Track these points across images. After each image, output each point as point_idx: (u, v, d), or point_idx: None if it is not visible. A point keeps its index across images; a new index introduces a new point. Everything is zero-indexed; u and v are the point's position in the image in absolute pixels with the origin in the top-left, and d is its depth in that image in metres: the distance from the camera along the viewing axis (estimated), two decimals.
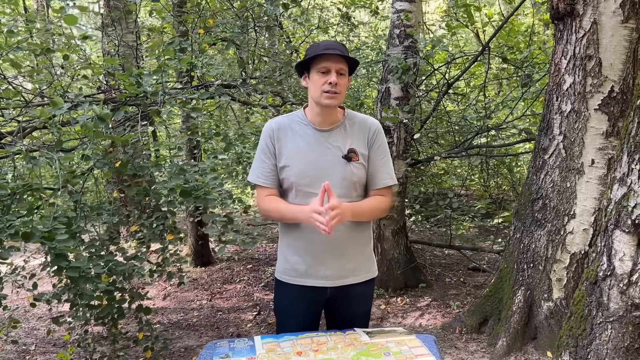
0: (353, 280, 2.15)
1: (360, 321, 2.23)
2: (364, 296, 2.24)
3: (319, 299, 2.16)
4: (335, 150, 2.07)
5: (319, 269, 2.10)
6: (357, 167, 2.07)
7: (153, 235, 3.28)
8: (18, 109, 3.49)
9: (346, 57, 2.00)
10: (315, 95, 2.03)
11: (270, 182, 2.11)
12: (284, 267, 2.18)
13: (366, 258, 2.20)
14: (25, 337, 4.57)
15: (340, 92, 2.01)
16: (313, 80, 2.03)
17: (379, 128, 2.15)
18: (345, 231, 2.04)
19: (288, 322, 2.20)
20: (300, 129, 2.10)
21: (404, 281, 5.25)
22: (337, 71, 1.98)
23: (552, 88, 3.66)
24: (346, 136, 2.09)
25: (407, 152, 5.15)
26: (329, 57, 1.97)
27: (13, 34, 3.09)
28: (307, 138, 2.08)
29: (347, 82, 2.06)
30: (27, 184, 2.55)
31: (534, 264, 3.72)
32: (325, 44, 2.03)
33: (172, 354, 4.06)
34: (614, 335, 2.57)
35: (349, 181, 2.06)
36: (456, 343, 3.89)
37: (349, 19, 5.61)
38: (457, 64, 6.32)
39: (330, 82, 1.96)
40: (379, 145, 2.13)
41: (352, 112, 2.17)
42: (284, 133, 2.10)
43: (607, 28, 3.34)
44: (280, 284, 2.21)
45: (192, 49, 4.21)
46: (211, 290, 5.71)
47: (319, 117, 2.08)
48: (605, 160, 3.42)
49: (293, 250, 2.14)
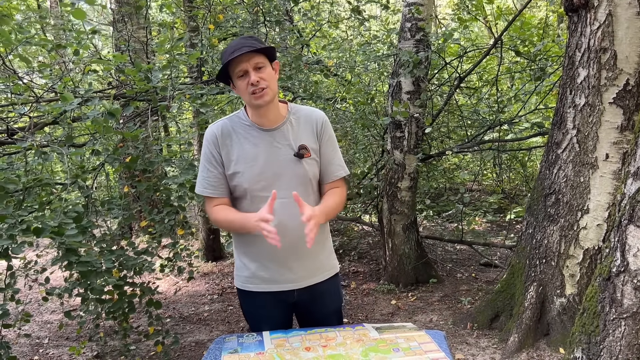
0: (318, 278, 2.09)
1: (334, 320, 2.18)
2: (332, 293, 2.18)
3: (287, 301, 2.10)
4: (286, 148, 1.98)
5: (283, 272, 2.03)
6: (310, 163, 2.00)
7: (164, 230, 3.29)
8: (29, 104, 3.51)
9: (256, 50, 1.87)
10: (246, 100, 1.95)
11: (218, 191, 2.01)
12: (246, 276, 2.08)
13: (328, 253, 2.15)
14: (39, 330, 4.62)
15: (268, 86, 1.89)
16: (238, 87, 1.93)
17: (325, 120, 2.07)
18: (303, 232, 1.80)
19: (260, 327, 2.10)
20: (245, 131, 1.99)
21: (414, 277, 5.22)
22: (254, 67, 1.87)
23: (566, 81, 3.60)
24: (294, 132, 2.00)
25: (418, 146, 5.12)
26: (239, 59, 1.86)
27: (23, 29, 3.11)
28: (254, 140, 1.97)
29: (271, 72, 1.93)
30: (38, 179, 2.57)
31: (547, 259, 3.68)
32: (232, 46, 1.90)
33: (183, 348, 4.08)
34: (627, 332, 2.53)
35: (305, 179, 1.99)
36: (467, 339, 3.86)
37: (359, 12, 5.56)
38: (469, 58, 6.25)
39: (252, 82, 1.86)
40: (328, 138, 2.06)
41: (296, 106, 2.08)
42: (228, 138, 1.99)
43: (623, 20, 3.27)
44: (244, 293, 2.12)
45: (202, 44, 4.21)
46: (222, 285, 5.73)
47: (261, 118, 1.98)
48: (620, 155, 3.37)
49: (252, 257, 2.05)
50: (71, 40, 3.62)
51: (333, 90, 6.72)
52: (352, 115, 5.29)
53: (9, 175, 2.55)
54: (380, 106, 6.16)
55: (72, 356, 3.94)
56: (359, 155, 6.13)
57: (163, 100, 3.37)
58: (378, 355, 1.75)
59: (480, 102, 5.95)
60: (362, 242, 7.13)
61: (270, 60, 1.95)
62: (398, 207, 5.18)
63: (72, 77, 3.75)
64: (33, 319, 4.85)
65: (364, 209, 6.88)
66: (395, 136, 5.10)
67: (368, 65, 5.74)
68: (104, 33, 8.29)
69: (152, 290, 3.24)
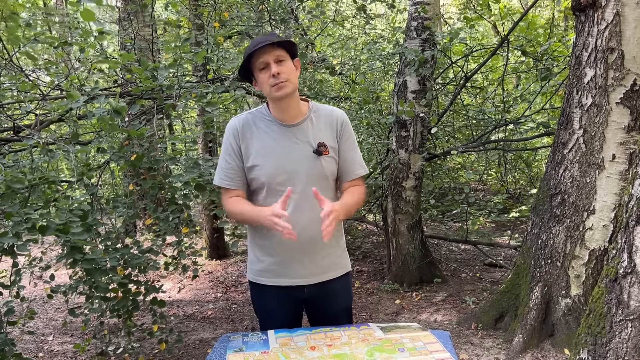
0: (329, 275, 2.10)
1: (344, 318, 2.19)
2: (343, 291, 2.19)
3: (298, 297, 2.11)
4: (305, 145, 2.00)
5: (295, 267, 2.04)
6: (328, 160, 2.02)
7: (168, 228, 3.29)
8: (35, 102, 3.52)
9: (277, 42, 1.91)
10: (267, 92, 1.97)
11: (235, 183, 2.04)
12: (258, 269, 2.11)
13: (341, 252, 2.16)
14: (44, 327, 4.64)
15: (288, 79, 1.92)
16: (259, 81, 1.97)
17: (345, 119, 2.10)
18: (319, 228, 1.81)
19: (269, 323, 2.13)
20: (266, 125, 2.02)
21: (419, 276, 5.21)
22: (276, 60, 1.91)
23: (572, 81, 3.58)
24: (314, 130, 2.03)
25: (423, 146, 5.10)
26: (261, 51, 1.90)
27: (30, 27, 3.11)
28: (274, 135, 2.01)
29: (292, 66, 1.97)
30: (44, 177, 2.57)
31: (552, 260, 3.66)
32: (254, 41, 1.95)
33: (187, 347, 4.08)
34: (634, 334, 2.51)
35: (322, 176, 2.01)
36: (472, 339, 3.85)
37: (365, 11, 5.55)
38: (475, 57, 6.23)
39: (272, 73, 1.90)
40: (347, 137, 2.08)
41: (317, 105, 2.11)
42: (249, 131, 2.02)
43: (630, 20, 3.25)
44: (256, 286, 2.14)
45: (208, 42, 4.21)
46: (226, 283, 5.74)
47: (282, 112, 2.01)
48: (627, 155, 3.35)
49: (265, 251, 2.08)
50: (77, 39, 3.62)
51: (338, 89, 6.72)
52: (356, 114, 5.28)
53: (14, 172, 2.55)
54: (385, 105, 6.15)
55: (76, 353, 3.95)
56: (364, 155, 6.12)
57: (168, 99, 3.37)
58: (383, 355, 1.75)
59: (486, 102, 5.93)
60: (366, 242, 7.12)
61: (292, 57, 1.99)
62: (403, 206, 5.16)
63: (78, 75, 3.76)
64: (38, 316, 4.87)
65: (368, 208, 6.87)
66: (400, 135, 5.09)
67: (373, 65, 5.73)
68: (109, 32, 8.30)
69: (156, 288, 3.24)
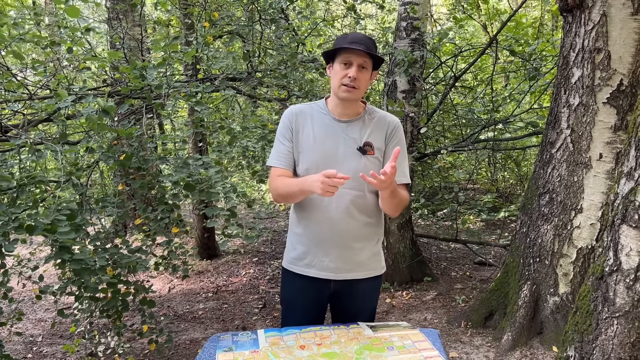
0: (357, 275, 2.13)
1: (365, 317, 2.22)
2: (369, 292, 2.23)
3: (323, 291, 2.15)
4: (351, 141, 2.06)
5: (323, 259, 2.09)
6: (371, 160, 2.06)
7: (158, 228, 3.28)
8: (22, 101, 3.49)
9: (369, 53, 1.97)
10: (334, 86, 2.04)
11: (284, 163, 2.11)
12: (291, 256, 2.19)
13: (373, 254, 2.18)
14: (33, 328, 4.60)
15: (359, 87, 2.00)
16: (335, 71, 2.03)
17: (398, 125, 2.14)
18: (353, 224, 2.05)
19: (292, 314, 2.20)
20: (320, 117, 2.11)
21: (409, 275, 5.23)
22: (359, 65, 1.98)
23: (560, 81, 3.62)
24: (364, 129, 2.09)
25: (413, 145, 5.12)
26: (353, 50, 1.96)
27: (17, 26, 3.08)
28: (325, 127, 2.08)
29: (369, 77, 2.04)
30: (32, 177, 2.55)
31: (540, 258, 3.69)
32: (353, 36, 2.01)
33: (178, 347, 4.07)
34: (619, 331, 2.54)
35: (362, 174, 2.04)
36: (461, 337, 3.87)
37: (355, 11, 5.56)
38: (464, 57, 6.27)
39: (350, 75, 1.96)
40: (397, 142, 2.11)
41: (374, 108, 2.16)
42: (302, 119, 2.10)
43: (617, 20, 3.29)
44: (286, 273, 2.22)
45: (197, 42, 4.19)
46: (217, 283, 5.72)
47: (339, 108, 2.09)
48: (614, 155, 3.38)
49: (299, 239, 2.15)
50: (65, 38, 3.60)
51: (328, 89, 6.71)
52: None
53: (2, 172, 2.53)
54: (375, 104, 6.16)
55: (65, 354, 3.92)
56: None
57: (158, 98, 3.36)
58: (372, 353, 1.76)
59: (475, 101, 5.96)
60: None
61: (375, 68, 2.06)
62: None
63: (67, 74, 3.73)
64: (26, 317, 4.83)
65: None
66: None
67: None
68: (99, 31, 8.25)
69: (146, 288, 3.22)
